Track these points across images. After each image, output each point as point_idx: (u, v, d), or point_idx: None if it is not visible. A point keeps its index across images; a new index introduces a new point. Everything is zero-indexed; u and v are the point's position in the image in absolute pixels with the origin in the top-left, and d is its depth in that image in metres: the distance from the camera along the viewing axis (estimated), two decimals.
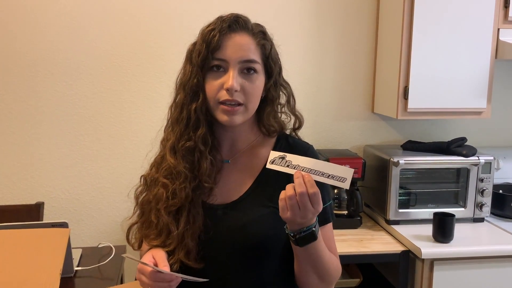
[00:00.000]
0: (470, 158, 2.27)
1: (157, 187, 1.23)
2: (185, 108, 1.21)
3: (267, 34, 1.25)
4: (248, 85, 1.18)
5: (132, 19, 2.34)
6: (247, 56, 1.17)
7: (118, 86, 2.38)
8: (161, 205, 1.20)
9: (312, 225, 1.08)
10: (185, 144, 1.21)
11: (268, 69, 1.24)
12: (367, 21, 2.51)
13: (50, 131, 2.36)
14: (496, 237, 2.16)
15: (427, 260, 1.99)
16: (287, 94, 1.32)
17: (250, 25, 1.22)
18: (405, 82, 2.24)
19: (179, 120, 1.23)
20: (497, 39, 2.24)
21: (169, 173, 1.22)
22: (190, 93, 1.20)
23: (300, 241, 1.09)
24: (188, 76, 1.20)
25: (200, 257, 1.18)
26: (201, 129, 1.20)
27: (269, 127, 1.28)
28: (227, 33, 1.17)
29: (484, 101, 2.28)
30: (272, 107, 1.28)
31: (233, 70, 1.16)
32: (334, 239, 1.30)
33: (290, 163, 1.10)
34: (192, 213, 1.19)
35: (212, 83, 1.18)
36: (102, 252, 2.10)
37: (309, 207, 1.04)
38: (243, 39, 1.18)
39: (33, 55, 2.30)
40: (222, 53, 1.16)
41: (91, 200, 2.42)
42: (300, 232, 1.08)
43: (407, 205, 2.30)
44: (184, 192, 1.19)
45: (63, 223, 1.74)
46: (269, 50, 1.23)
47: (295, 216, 1.05)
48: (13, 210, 2.17)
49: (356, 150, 2.58)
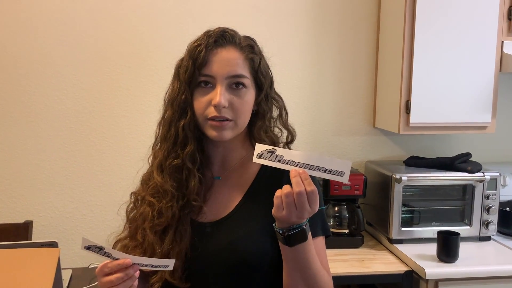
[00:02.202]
0: (475, 175, 2.27)
1: (144, 206, 1.24)
2: (173, 125, 1.22)
3: (256, 47, 1.25)
4: (237, 100, 1.18)
5: (126, 33, 2.36)
6: (235, 71, 1.18)
7: (111, 101, 2.38)
8: (146, 224, 1.21)
9: (303, 223, 1.08)
10: (173, 162, 1.21)
11: (258, 83, 1.25)
12: (367, 33, 2.53)
13: (39, 147, 2.35)
14: (503, 256, 2.15)
15: (432, 280, 1.98)
16: (279, 107, 1.32)
17: (238, 39, 1.22)
18: (407, 96, 2.25)
19: (167, 138, 1.24)
20: (501, 51, 2.26)
21: (156, 191, 1.23)
22: (178, 110, 1.21)
23: (289, 240, 1.09)
24: (176, 92, 1.22)
25: (185, 276, 1.18)
26: (189, 146, 1.21)
27: (261, 142, 1.26)
28: (213, 48, 1.18)
29: (489, 116, 2.29)
30: (264, 122, 1.28)
31: (221, 86, 1.17)
32: (325, 255, 1.27)
33: (281, 158, 1.08)
34: (179, 231, 1.20)
35: (200, 100, 1.19)
36: (92, 273, 2.07)
37: (306, 206, 1.04)
38: (230, 54, 1.19)
39: (23, 68, 2.31)
40: (209, 69, 1.17)
41: (81, 219, 2.41)
42: (289, 230, 1.08)
43: (410, 223, 2.29)
44: (170, 211, 1.20)
45: (52, 243, 1.73)
46: (258, 63, 1.23)
47: (290, 215, 1.05)
48: (0, 229, 2.16)
49: (357, 166, 2.58)
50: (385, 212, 2.29)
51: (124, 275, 1.06)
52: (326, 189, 2.25)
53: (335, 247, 2.25)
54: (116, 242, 1.30)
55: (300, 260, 1.12)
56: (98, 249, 1.06)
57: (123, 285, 1.07)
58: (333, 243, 2.25)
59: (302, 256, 1.12)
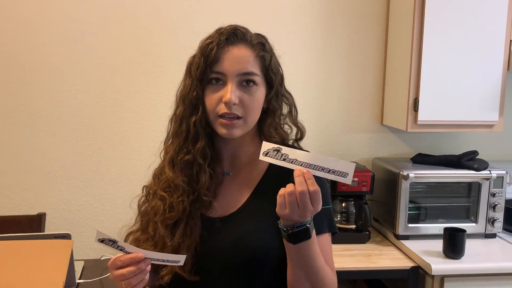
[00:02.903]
0: (482, 172, 2.27)
1: (155, 200, 1.25)
2: (185, 121, 1.23)
3: (267, 45, 1.25)
4: (247, 97, 1.19)
5: (137, 30, 2.38)
6: (246, 68, 1.19)
7: (122, 96, 2.41)
8: (158, 218, 1.22)
9: (307, 221, 1.08)
10: (184, 158, 1.23)
11: (269, 80, 1.25)
12: (376, 32, 2.54)
13: (52, 141, 2.38)
14: (508, 253, 2.16)
15: (437, 276, 1.99)
16: (289, 104, 1.32)
17: (249, 36, 1.22)
18: (415, 94, 2.26)
19: (178, 133, 1.25)
20: (510, 50, 2.26)
21: (167, 186, 1.24)
22: (189, 106, 1.22)
23: (293, 237, 1.09)
24: (187, 89, 1.22)
25: (195, 269, 1.20)
26: (200, 142, 1.22)
27: (270, 139, 1.27)
28: (224, 46, 1.19)
29: (496, 114, 2.29)
30: (274, 119, 1.29)
31: (231, 83, 1.18)
32: (329, 252, 1.26)
33: (286, 157, 1.09)
34: (189, 226, 1.21)
35: (211, 96, 1.20)
36: (104, 265, 2.09)
37: (309, 206, 1.05)
38: (241, 52, 1.19)
39: (37, 65, 2.34)
40: (220, 66, 1.18)
41: (93, 211, 2.44)
42: (293, 227, 1.08)
43: (417, 219, 2.30)
44: (181, 206, 1.21)
45: (66, 235, 1.76)
46: (268, 61, 1.24)
47: (293, 214, 1.06)
48: (14, 221, 2.19)
49: (364, 163, 2.59)
50: (392, 209, 2.30)
51: (136, 268, 1.08)
52: (334, 185, 2.25)
53: (342, 242, 2.26)
54: (128, 235, 1.31)
55: (303, 258, 1.13)
56: (111, 242, 1.07)
57: (134, 278, 1.09)
58: (340, 239, 2.27)
59: (305, 254, 1.12)
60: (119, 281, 1.10)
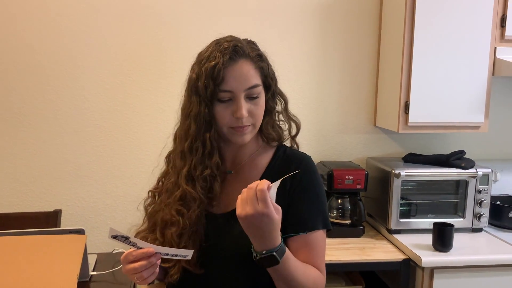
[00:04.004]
0: (469, 171, 2.28)
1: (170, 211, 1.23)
2: (199, 138, 1.22)
3: (263, 55, 1.26)
4: (254, 108, 1.21)
5: (147, 39, 2.39)
6: (250, 83, 1.19)
7: (132, 100, 2.42)
8: (174, 230, 1.21)
9: (274, 249, 1.07)
10: (204, 173, 1.22)
11: (267, 85, 1.27)
12: (369, 40, 2.55)
13: (67, 142, 2.40)
14: (494, 246, 2.16)
15: (427, 268, 2.00)
16: (283, 101, 1.33)
17: (247, 50, 1.21)
18: (406, 97, 2.26)
19: (192, 150, 1.23)
20: (494, 57, 2.26)
21: (181, 198, 1.23)
22: (203, 123, 1.21)
23: (261, 262, 1.09)
24: (197, 107, 1.20)
25: (200, 263, 1.20)
26: (215, 156, 1.23)
27: (268, 135, 1.30)
28: (228, 65, 1.17)
29: (482, 116, 2.30)
30: (270, 117, 1.30)
31: (240, 99, 1.18)
32: (321, 249, 1.25)
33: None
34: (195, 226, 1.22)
35: (222, 113, 1.20)
36: (116, 258, 2.11)
37: (254, 202, 1.03)
38: (243, 68, 1.19)
39: (52, 70, 2.35)
40: (228, 85, 1.17)
41: (105, 208, 2.46)
42: (261, 253, 1.08)
43: (408, 215, 2.31)
44: (194, 215, 1.21)
45: (80, 230, 1.76)
46: (267, 70, 1.25)
47: (245, 208, 1.04)
48: (32, 217, 2.20)
49: (359, 162, 2.59)
50: (385, 205, 2.30)
51: (147, 263, 1.09)
52: (330, 183, 2.26)
53: (338, 236, 2.27)
54: (136, 234, 1.32)
55: (281, 275, 1.13)
56: (124, 239, 1.09)
57: (146, 271, 1.11)
58: (336, 233, 2.27)
59: (281, 272, 1.12)
60: (131, 274, 1.12)
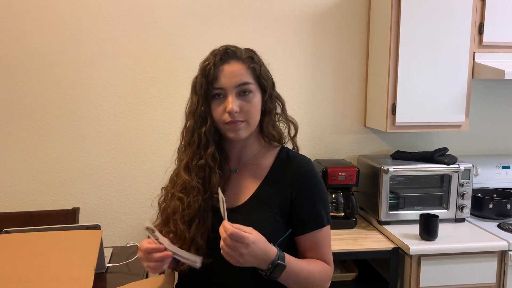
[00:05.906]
0: (452, 166, 2.26)
1: (174, 200, 1.26)
2: (196, 132, 1.24)
3: (255, 57, 1.27)
4: (246, 104, 1.21)
5: (156, 50, 2.38)
6: (240, 80, 1.20)
7: (143, 106, 2.40)
8: (177, 216, 1.23)
9: (275, 258, 1.11)
10: (198, 163, 1.24)
11: (262, 86, 1.26)
12: (359, 46, 2.53)
13: (84, 145, 2.38)
14: (475, 235, 2.15)
15: (415, 256, 1.99)
16: (281, 103, 1.33)
17: (239, 53, 1.24)
18: (393, 99, 2.25)
19: (191, 143, 1.25)
20: (473, 61, 2.25)
21: (183, 188, 1.24)
22: (199, 119, 1.23)
23: (273, 275, 1.12)
24: (195, 105, 1.24)
25: (208, 253, 1.21)
26: (210, 148, 1.24)
27: (269, 135, 1.30)
28: (219, 65, 1.20)
29: (463, 116, 2.28)
30: (270, 117, 1.30)
31: (231, 95, 1.19)
32: (327, 244, 1.29)
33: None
34: (202, 218, 1.22)
35: (217, 109, 1.22)
36: (130, 251, 2.11)
37: (237, 247, 1.06)
38: (233, 67, 1.21)
39: (69, 80, 2.34)
40: (219, 82, 1.20)
41: (120, 205, 2.44)
42: (269, 269, 1.11)
43: (396, 207, 2.29)
44: (197, 204, 1.22)
45: (96, 225, 1.76)
46: (259, 70, 1.25)
47: (235, 257, 1.07)
48: (52, 215, 2.19)
49: (351, 160, 2.58)
50: (375, 198, 2.29)
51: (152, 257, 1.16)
52: (325, 179, 2.25)
53: (332, 228, 2.18)
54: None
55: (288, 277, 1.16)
56: (151, 231, 1.15)
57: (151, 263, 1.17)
58: (331, 225, 2.25)
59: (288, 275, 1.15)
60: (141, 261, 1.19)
